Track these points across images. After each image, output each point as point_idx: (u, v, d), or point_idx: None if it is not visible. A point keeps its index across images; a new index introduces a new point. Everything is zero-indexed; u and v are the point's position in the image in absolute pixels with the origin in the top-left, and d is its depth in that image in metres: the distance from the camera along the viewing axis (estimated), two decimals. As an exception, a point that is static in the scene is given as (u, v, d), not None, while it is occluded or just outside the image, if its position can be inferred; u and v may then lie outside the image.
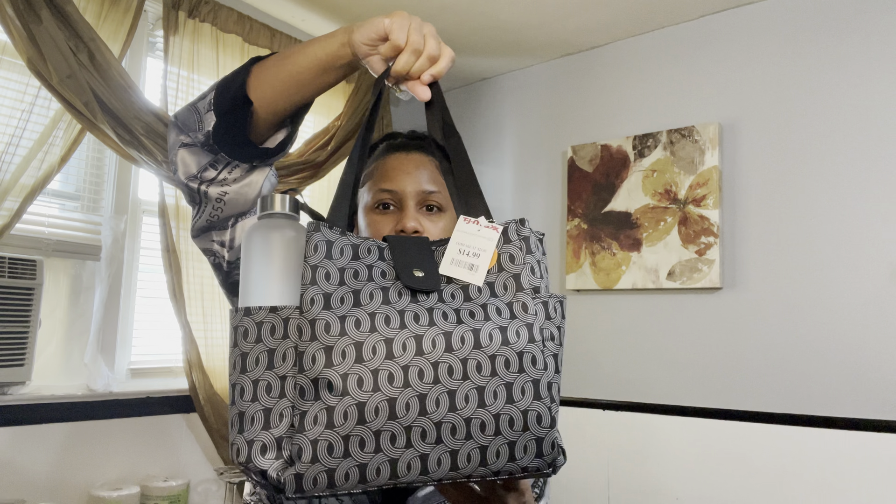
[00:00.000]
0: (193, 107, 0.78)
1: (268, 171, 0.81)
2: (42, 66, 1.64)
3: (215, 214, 0.81)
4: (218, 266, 0.85)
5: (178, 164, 0.79)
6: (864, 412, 1.88)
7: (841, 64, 2.03)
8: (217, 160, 0.78)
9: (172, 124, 0.79)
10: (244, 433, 0.57)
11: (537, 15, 2.35)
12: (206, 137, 0.76)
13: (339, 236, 0.64)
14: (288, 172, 2.24)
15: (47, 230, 1.80)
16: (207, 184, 0.79)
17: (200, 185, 0.79)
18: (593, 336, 2.46)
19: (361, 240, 0.65)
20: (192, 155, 0.78)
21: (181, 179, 0.79)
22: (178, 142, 0.78)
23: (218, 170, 0.79)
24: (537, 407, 0.64)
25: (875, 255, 1.92)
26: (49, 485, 1.73)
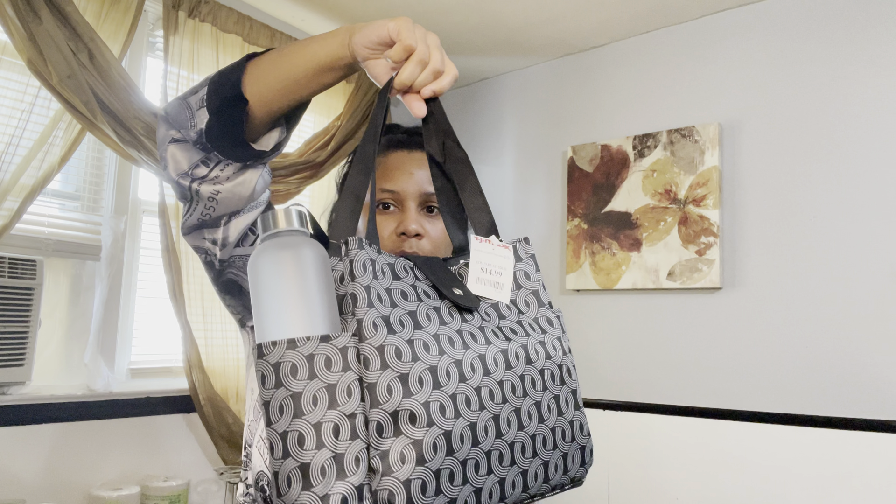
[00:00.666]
0: (184, 101, 0.74)
1: (261, 170, 0.78)
2: (42, 66, 1.64)
3: (207, 213, 0.78)
4: (210, 264, 0.83)
5: (168, 161, 0.75)
6: (864, 412, 1.88)
7: (841, 64, 2.03)
8: (209, 157, 0.74)
9: (162, 118, 0.76)
10: (314, 489, 0.49)
11: (537, 15, 2.35)
12: (198, 135, 0.73)
13: (377, 254, 0.59)
14: (288, 172, 2.24)
15: (47, 230, 1.80)
16: (199, 181, 0.75)
17: (192, 183, 0.75)
18: (593, 336, 2.46)
19: (394, 258, 0.61)
20: (183, 151, 0.74)
21: (171, 176, 0.76)
22: (167, 136, 0.75)
23: (210, 167, 0.75)
24: (579, 416, 0.66)
25: (875, 255, 1.92)
26: (49, 485, 1.73)
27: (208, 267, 0.83)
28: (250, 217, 0.79)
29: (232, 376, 2.09)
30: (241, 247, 0.80)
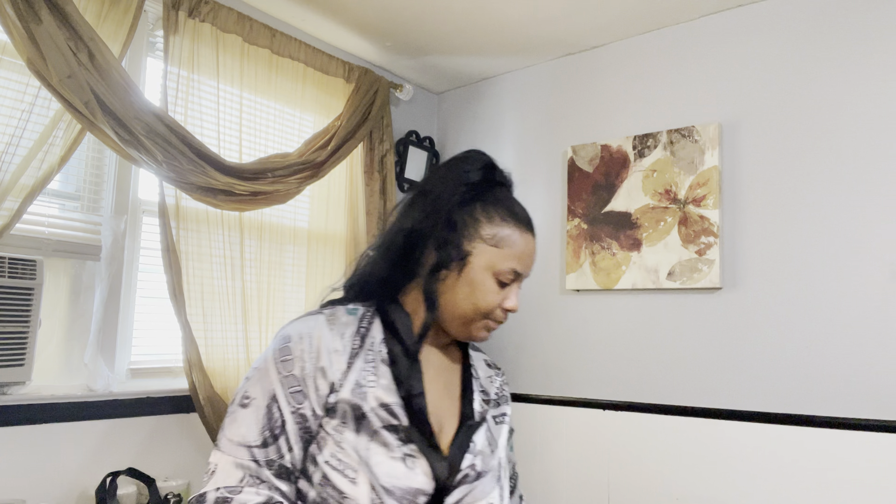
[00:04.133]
0: None
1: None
2: (42, 66, 1.63)
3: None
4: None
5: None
6: (864, 412, 1.88)
7: (841, 64, 2.03)
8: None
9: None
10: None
11: (537, 15, 2.35)
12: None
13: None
14: (287, 172, 2.24)
15: (47, 230, 1.80)
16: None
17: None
18: (593, 336, 2.46)
19: None
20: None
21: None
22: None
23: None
24: None
25: (875, 255, 1.92)
26: (49, 485, 1.73)
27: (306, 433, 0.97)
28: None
29: (232, 376, 2.09)
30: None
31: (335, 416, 0.94)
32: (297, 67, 2.40)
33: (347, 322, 1.01)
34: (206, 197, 2.01)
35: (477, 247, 1.00)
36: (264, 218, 2.27)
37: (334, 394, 0.94)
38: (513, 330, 2.68)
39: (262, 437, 0.92)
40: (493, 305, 1.01)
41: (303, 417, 0.94)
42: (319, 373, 0.95)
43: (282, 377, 0.94)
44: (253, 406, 0.94)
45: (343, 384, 0.95)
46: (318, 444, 0.94)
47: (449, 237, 1.00)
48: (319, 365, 0.95)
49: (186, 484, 1.91)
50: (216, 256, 2.10)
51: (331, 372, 0.95)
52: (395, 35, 2.54)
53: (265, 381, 0.95)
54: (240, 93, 2.22)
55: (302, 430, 0.94)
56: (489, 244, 1.00)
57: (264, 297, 2.24)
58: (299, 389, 0.94)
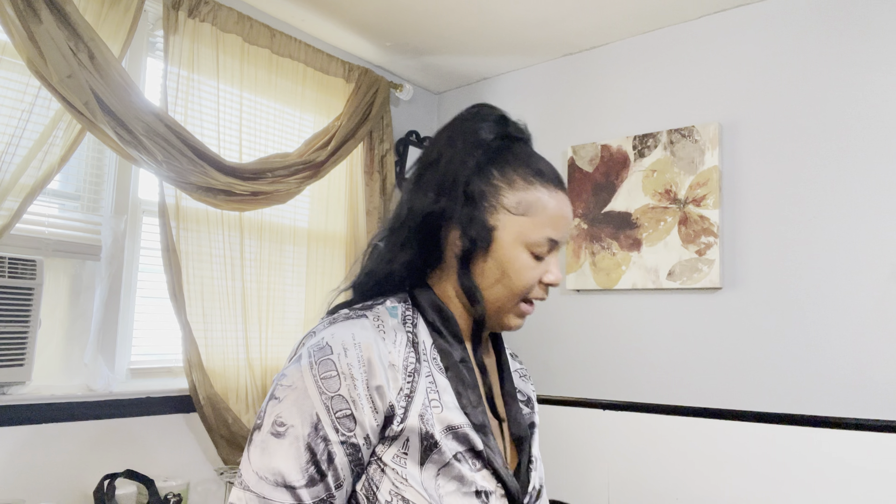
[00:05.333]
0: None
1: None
2: (42, 66, 1.63)
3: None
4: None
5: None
6: (864, 412, 1.88)
7: (841, 64, 2.03)
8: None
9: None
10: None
11: (537, 15, 2.35)
12: None
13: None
14: (288, 172, 2.24)
15: (47, 230, 1.80)
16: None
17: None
18: (593, 336, 2.46)
19: None
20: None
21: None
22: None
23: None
24: None
25: (875, 255, 1.92)
26: (49, 485, 1.73)
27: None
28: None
29: (232, 376, 2.09)
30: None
31: (393, 444, 0.78)
32: (297, 67, 2.40)
33: (395, 326, 0.83)
34: (206, 197, 2.01)
35: (501, 219, 0.85)
36: (264, 218, 2.27)
37: (396, 419, 0.77)
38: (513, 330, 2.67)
39: (305, 475, 0.73)
40: (530, 283, 0.86)
41: (355, 448, 0.76)
42: (376, 393, 0.77)
43: (326, 398, 0.75)
44: (290, 436, 0.74)
45: (408, 408, 0.78)
46: (373, 478, 0.78)
47: (470, 214, 0.84)
48: (376, 384, 0.77)
49: (186, 484, 1.91)
50: (216, 256, 2.10)
51: (389, 392, 0.77)
52: (395, 35, 2.54)
53: (304, 404, 0.75)
54: (240, 93, 2.22)
55: (354, 462, 0.77)
56: (516, 213, 0.85)
57: (264, 297, 2.24)
58: (349, 413, 0.75)
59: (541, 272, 0.87)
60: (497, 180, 0.86)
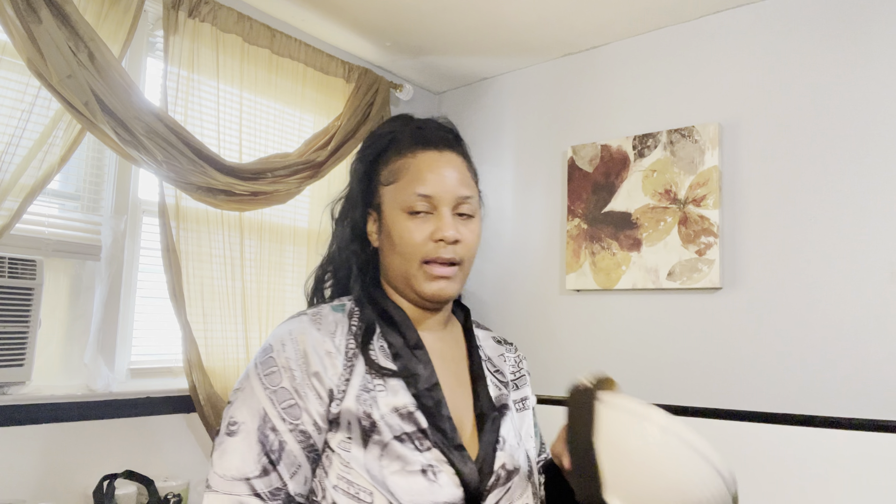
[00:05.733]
0: None
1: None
2: (42, 66, 1.63)
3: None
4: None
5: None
6: (864, 412, 1.88)
7: (841, 64, 2.03)
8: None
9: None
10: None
11: (537, 15, 2.35)
12: None
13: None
14: (288, 172, 2.24)
15: (47, 230, 1.80)
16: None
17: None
18: (593, 336, 2.46)
19: None
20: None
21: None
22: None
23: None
24: None
25: (875, 255, 1.92)
26: (49, 485, 1.73)
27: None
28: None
29: (232, 376, 2.09)
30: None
31: (339, 429, 0.82)
32: (297, 67, 2.40)
33: (337, 320, 0.89)
34: (206, 197, 2.01)
35: (381, 195, 0.92)
36: (264, 218, 2.27)
37: (336, 403, 0.82)
38: (513, 330, 2.68)
39: (259, 465, 0.79)
40: (418, 243, 0.88)
41: (305, 435, 0.81)
42: (314, 379, 0.82)
43: (270, 392, 0.81)
44: (242, 432, 0.80)
45: (345, 391, 0.82)
46: (324, 464, 0.82)
47: (363, 205, 0.94)
48: (312, 370, 0.82)
49: (186, 484, 1.91)
50: (216, 256, 2.10)
51: (327, 377, 0.82)
52: (395, 35, 2.54)
53: (251, 401, 0.81)
54: (240, 93, 2.22)
55: (307, 448, 0.81)
56: (387, 184, 0.91)
57: (264, 297, 2.24)
58: (294, 403, 0.81)
59: (429, 231, 0.88)
60: (379, 166, 0.93)
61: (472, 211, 0.92)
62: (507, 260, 2.77)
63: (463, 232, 0.90)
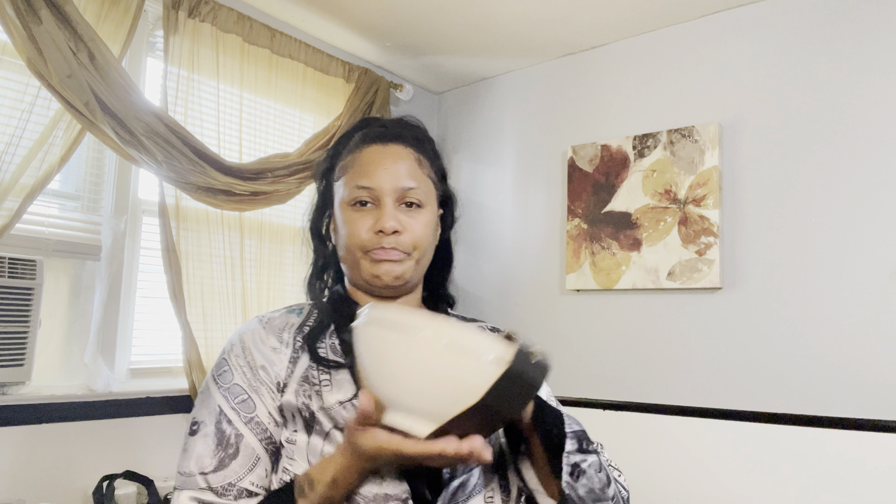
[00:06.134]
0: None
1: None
2: (42, 66, 1.63)
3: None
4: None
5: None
6: (864, 412, 1.88)
7: (841, 63, 2.03)
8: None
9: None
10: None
11: (537, 15, 2.35)
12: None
13: None
14: (288, 172, 2.24)
15: (47, 230, 1.80)
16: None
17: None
18: (593, 336, 2.46)
19: None
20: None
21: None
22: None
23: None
24: None
25: (875, 256, 1.92)
26: (49, 485, 1.73)
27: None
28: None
29: (232, 376, 2.09)
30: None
31: (286, 423, 0.83)
32: (297, 67, 2.40)
33: (288, 320, 0.91)
34: (206, 197, 2.01)
35: (333, 191, 0.95)
36: (264, 218, 2.27)
37: (281, 394, 0.84)
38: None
39: (216, 458, 0.81)
40: (359, 235, 0.88)
41: (260, 427, 0.83)
42: (262, 372, 0.85)
43: (224, 390, 0.84)
44: (202, 431, 0.83)
45: (287, 385, 0.84)
46: (277, 459, 0.84)
47: (321, 202, 0.98)
48: (259, 364, 0.85)
49: (186, 484, 1.90)
50: (216, 256, 2.10)
51: (273, 371, 0.85)
52: (395, 35, 2.54)
53: (208, 401, 0.85)
54: (240, 93, 2.22)
55: (265, 441, 0.83)
56: (336, 181, 0.94)
57: (264, 297, 2.24)
58: (246, 398, 0.83)
59: (372, 223, 0.88)
60: (334, 166, 0.95)
61: (420, 201, 0.91)
62: (507, 260, 2.77)
63: (407, 222, 0.89)
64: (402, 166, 0.90)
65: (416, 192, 0.90)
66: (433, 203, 0.95)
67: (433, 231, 0.94)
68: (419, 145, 0.95)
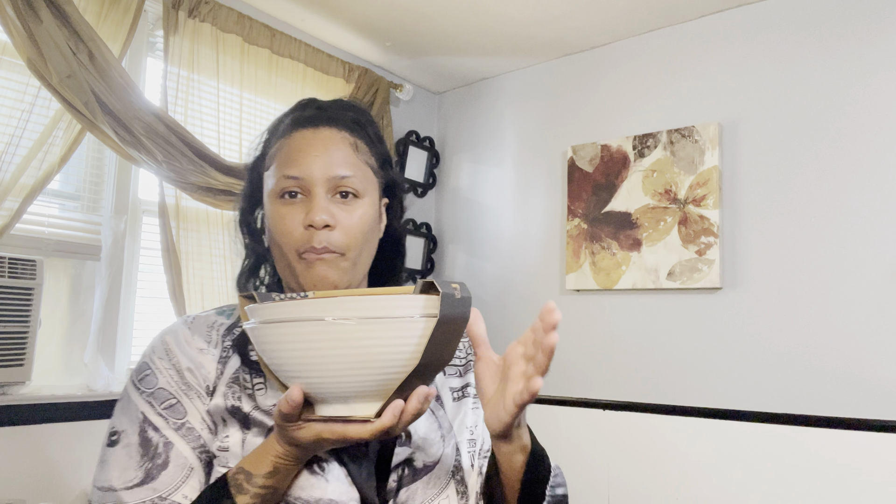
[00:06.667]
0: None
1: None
2: (42, 66, 1.64)
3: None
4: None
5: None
6: (864, 412, 1.88)
7: (841, 63, 2.03)
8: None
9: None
10: None
11: (537, 15, 2.35)
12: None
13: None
14: (288, 172, 2.24)
15: (47, 230, 1.80)
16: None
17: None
18: (593, 336, 2.46)
19: None
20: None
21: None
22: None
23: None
24: None
25: (875, 255, 1.92)
26: (49, 485, 1.73)
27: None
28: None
29: (232, 376, 2.09)
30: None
31: (217, 430, 0.75)
32: (297, 67, 2.40)
33: (216, 321, 0.83)
34: (206, 197, 2.01)
35: (263, 185, 0.85)
36: (264, 218, 2.27)
37: (210, 398, 0.76)
38: (513, 330, 2.68)
39: (142, 471, 0.72)
40: (289, 232, 0.79)
41: (193, 433, 0.74)
42: (188, 374, 0.76)
43: (147, 395, 0.75)
44: (123, 441, 0.73)
45: (216, 388, 0.76)
46: (210, 468, 0.75)
47: (250, 195, 0.90)
48: (186, 366, 0.77)
49: (186, 484, 1.91)
50: (216, 256, 2.10)
51: (200, 373, 0.77)
52: (395, 35, 2.54)
53: (129, 408, 0.75)
54: (240, 93, 2.22)
55: (198, 449, 0.74)
56: (265, 171, 0.84)
57: (264, 297, 2.23)
58: (175, 402, 0.75)
59: (302, 217, 0.79)
60: (265, 155, 0.87)
61: (357, 191, 0.80)
62: (507, 260, 2.77)
63: (341, 216, 0.79)
64: (335, 152, 0.80)
65: (351, 180, 0.80)
66: (373, 192, 0.84)
67: (373, 224, 0.83)
68: (356, 128, 0.85)
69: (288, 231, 0.79)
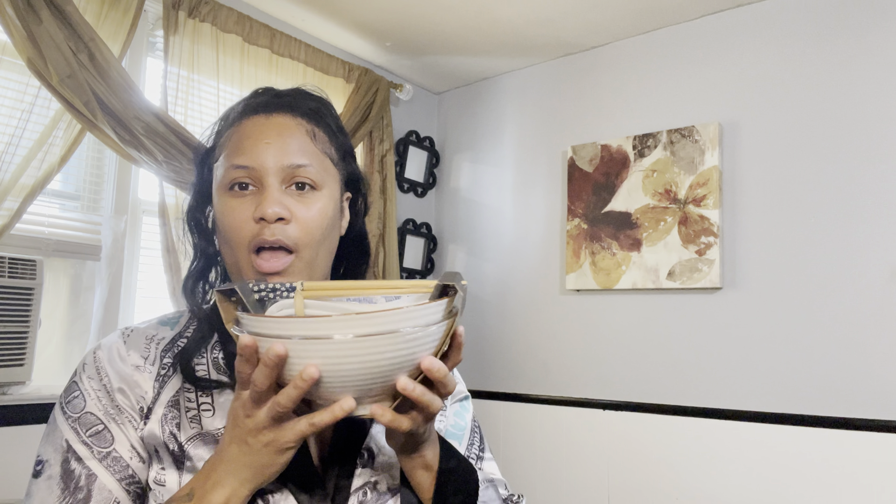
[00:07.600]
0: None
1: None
2: (42, 66, 1.64)
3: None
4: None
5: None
6: (864, 412, 1.88)
7: (841, 63, 2.03)
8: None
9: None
10: None
11: (537, 15, 2.35)
12: None
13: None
14: (288, 172, 2.24)
15: (47, 230, 1.80)
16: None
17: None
18: (593, 336, 2.46)
19: None
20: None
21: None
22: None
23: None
24: None
25: (875, 255, 1.92)
26: (49, 485, 1.73)
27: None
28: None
29: (232, 376, 2.09)
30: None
31: (152, 460, 0.68)
32: (297, 67, 2.40)
33: (156, 332, 0.75)
34: (206, 197, 2.01)
35: (213, 177, 0.77)
36: (264, 218, 2.27)
37: (145, 422, 0.68)
38: (513, 330, 2.68)
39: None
40: (239, 226, 0.71)
41: (119, 463, 0.67)
42: (119, 395, 0.69)
43: (72, 421, 0.68)
44: (45, 472, 0.67)
45: (151, 412, 0.68)
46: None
47: (199, 189, 0.81)
48: (117, 386, 0.69)
49: (186, 484, 1.91)
50: (216, 256, 2.10)
51: (134, 395, 0.69)
52: (395, 35, 2.54)
53: (54, 435, 0.68)
54: (240, 93, 2.22)
55: (125, 480, 0.67)
56: (215, 162, 0.77)
57: (264, 297, 2.23)
58: (102, 428, 0.67)
59: (253, 209, 0.71)
60: (215, 145, 0.79)
61: (314, 182, 0.73)
62: (506, 260, 2.77)
63: (296, 209, 0.72)
64: (290, 140, 0.73)
65: (307, 170, 0.73)
66: (333, 185, 0.76)
67: (333, 220, 0.76)
68: (314, 116, 0.77)
69: (237, 226, 0.71)
